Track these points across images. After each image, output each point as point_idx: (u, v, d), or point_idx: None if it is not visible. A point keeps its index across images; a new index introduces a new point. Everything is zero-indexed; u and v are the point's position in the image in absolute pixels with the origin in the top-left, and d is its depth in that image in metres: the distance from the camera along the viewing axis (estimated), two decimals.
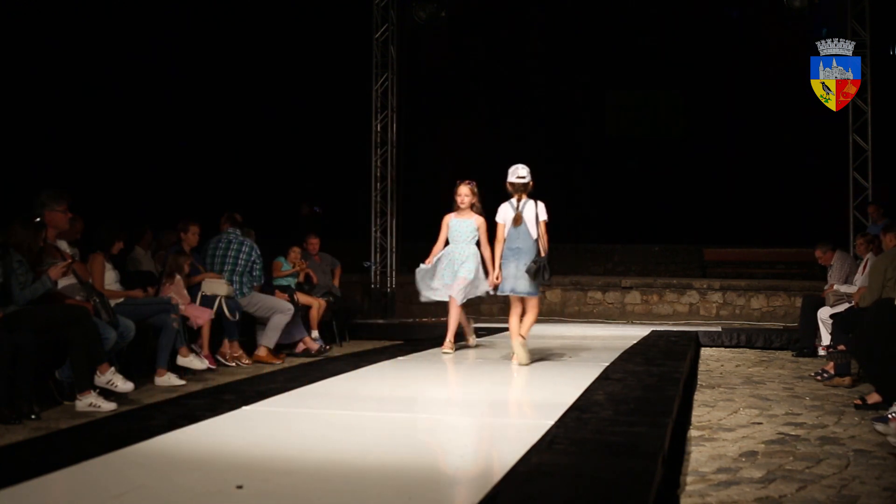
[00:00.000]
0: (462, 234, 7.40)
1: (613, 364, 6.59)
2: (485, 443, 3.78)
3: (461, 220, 7.43)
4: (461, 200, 7.37)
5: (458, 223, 7.43)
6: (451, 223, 7.45)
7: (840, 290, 8.26)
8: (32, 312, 5.29)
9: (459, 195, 7.37)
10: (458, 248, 7.38)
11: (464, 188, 7.39)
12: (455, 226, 7.43)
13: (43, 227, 5.65)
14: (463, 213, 7.43)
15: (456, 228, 7.43)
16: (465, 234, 7.39)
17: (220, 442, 3.74)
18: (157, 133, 13.20)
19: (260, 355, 7.98)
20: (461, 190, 7.39)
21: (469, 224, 7.42)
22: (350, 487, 3.08)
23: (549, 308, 13.31)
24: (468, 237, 7.39)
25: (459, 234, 7.40)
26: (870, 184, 11.37)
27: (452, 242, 7.42)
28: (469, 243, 7.39)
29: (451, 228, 7.43)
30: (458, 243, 7.39)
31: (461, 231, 7.41)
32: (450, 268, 7.37)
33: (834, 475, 3.76)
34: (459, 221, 7.43)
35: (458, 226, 7.43)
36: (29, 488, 2.99)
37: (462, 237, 7.40)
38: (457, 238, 7.41)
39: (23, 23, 11.12)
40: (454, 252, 7.38)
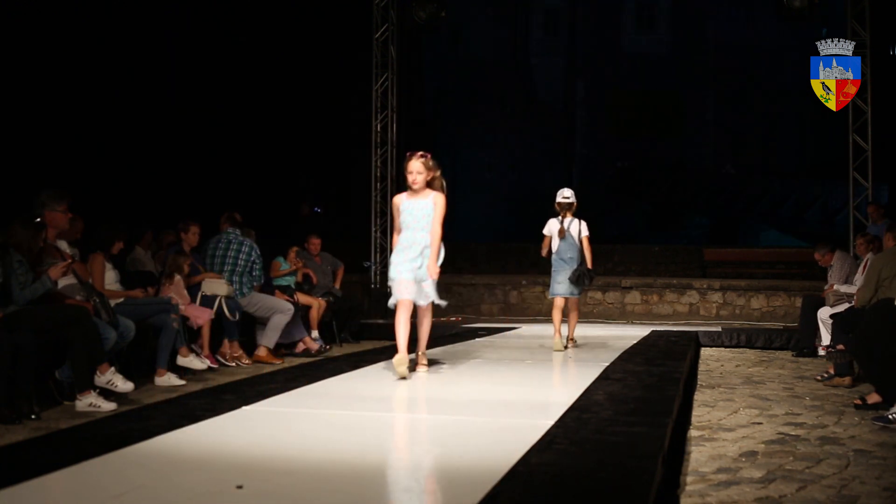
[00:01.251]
0: (417, 219, 5.90)
1: (613, 364, 6.59)
2: (485, 443, 3.78)
3: (415, 200, 5.91)
4: (412, 180, 5.86)
5: (411, 205, 5.93)
6: (402, 206, 5.96)
7: (840, 290, 8.27)
8: (32, 312, 5.29)
9: (410, 173, 5.87)
10: (415, 236, 5.88)
11: (414, 163, 5.86)
12: (408, 209, 5.93)
13: (43, 227, 5.65)
14: (417, 192, 5.93)
15: (409, 212, 5.93)
16: (421, 217, 5.89)
17: (220, 442, 3.74)
18: (157, 133, 13.20)
19: (260, 355, 7.98)
20: (411, 166, 5.87)
21: (424, 205, 5.89)
22: (350, 487, 3.08)
23: (549, 308, 13.26)
24: (426, 221, 5.88)
25: (414, 219, 5.91)
26: (870, 184, 11.37)
27: (407, 229, 5.91)
28: (426, 230, 5.88)
29: (404, 213, 5.95)
30: (415, 230, 5.88)
31: (415, 214, 5.91)
32: (408, 259, 5.86)
33: (834, 475, 3.76)
34: (413, 203, 5.92)
35: (411, 208, 5.92)
36: (29, 488, 2.99)
37: (418, 222, 5.89)
38: (412, 223, 5.91)
39: (23, 23, 11.12)
40: (411, 241, 5.88)
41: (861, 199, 11.43)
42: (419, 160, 5.85)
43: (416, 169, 5.86)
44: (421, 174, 5.86)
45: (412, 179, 5.86)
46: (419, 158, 5.86)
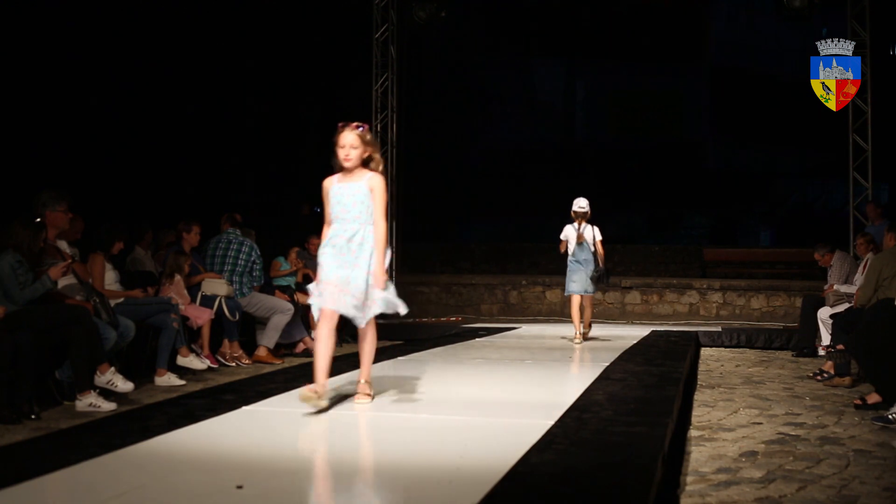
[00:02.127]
0: (347, 207, 4.66)
1: (613, 364, 6.59)
2: (485, 443, 3.78)
3: (347, 184, 4.69)
4: (344, 155, 4.63)
5: (342, 189, 4.69)
6: (332, 191, 4.73)
7: (840, 290, 8.27)
8: (32, 312, 5.29)
9: (342, 147, 4.64)
10: (345, 228, 4.64)
11: (347, 135, 4.65)
12: (339, 194, 4.69)
13: (43, 227, 5.66)
14: (350, 173, 4.69)
15: (340, 198, 4.68)
16: (352, 205, 4.65)
17: (220, 442, 3.74)
18: (157, 133, 13.20)
19: (260, 355, 7.97)
20: (343, 138, 4.65)
21: (357, 189, 4.65)
22: (350, 487, 3.08)
23: (549, 308, 13.31)
24: (360, 210, 4.64)
25: (343, 208, 4.66)
26: (870, 184, 11.37)
27: (337, 220, 4.68)
28: (363, 221, 4.65)
29: (333, 198, 4.71)
30: (344, 221, 4.65)
31: (345, 202, 4.66)
32: (337, 258, 4.62)
33: (834, 475, 3.76)
34: (344, 187, 4.69)
35: (341, 194, 4.68)
36: (29, 488, 2.99)
37: (348, 211, 4.65)
38: (341, 213, 4.67)
39: (22, 23, 11.12)
40: (341, 236, 4.64)
41: (861, 199, 11.43)
42: (353, 131, 4.64)
43: (350, 142, 4.61)
44: (355, 149, 4.61)
45: (344, 155, 4.61)
46: (353, 129, 4.64)
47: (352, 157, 4.64)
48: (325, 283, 4.54)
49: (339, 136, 4.65)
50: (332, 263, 4.59)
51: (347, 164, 4.64)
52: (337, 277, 4.52)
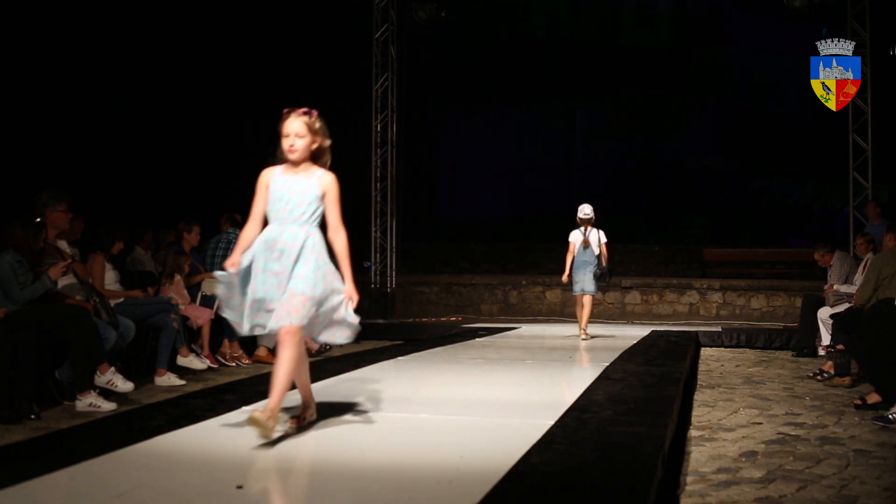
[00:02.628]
0: (291, 206, 3.94)
1: (613, 364, 6.59)
2: (485, 443, 3.78)
3: (294, 178, 3.99)
4: (289, 145, 3.98)
5: (287, 184, 3.98)
6: (273, 184, 4.00)
7: (840, 290, 8.27)
8: (32, 312, 5.29)
9: (286, 136, 4.00)
10: (284, 231, 3.91)
11: (293, 122, 4.00)
12: (282, 189, 3.98)
13: (43, 227, 5.66)
14: (296, 167, 4.02)
15: (283, 194, 3.96)
16: (297, 204, 3.95)
17: (220, 442, 3.74)
18: (157, 133, 13.21)
19: (260, 355, 7.97)
20: (288, 126, 4.01)
21: (307, 186, 3.98)
22: (350, 487, 3.08)
23: (549, 308, 13.31)
24: (306, 210, 3.95)
25: (286, 206, 3.95)
26: (870, 184, 11.37)
27: (275, 220, 3.95)
28: (307, 222, 3.94)
29: (275, 194, 3.98)
30: (284, 222, 3.92)
31: (288, 199, 3.95)
32: (269, 270, 3.87)
33: (834, 475, 3.76)
34: (291, 181, 3.99)
35: (283, 189, 3.97)
36: (29, 488, 2.99)
37: (291, 211, 3.94)
38: (282, 212, 3.94)
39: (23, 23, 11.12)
40: (277, 240, 3.90)
41: (861, 199, 11.43)
42: (300, 118, 4.00)
43: (296, 130, 3.98)
44: (302, 138, 3.97)
45: (289, 145, 3.97)
46: (301, 116, 4.01)
47: (297, 148, 3.97)
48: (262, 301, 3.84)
49: (283, 124, 4.01)
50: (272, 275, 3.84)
51: (293, 155, 3.97)
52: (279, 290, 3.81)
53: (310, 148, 4.02)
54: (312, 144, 4.03)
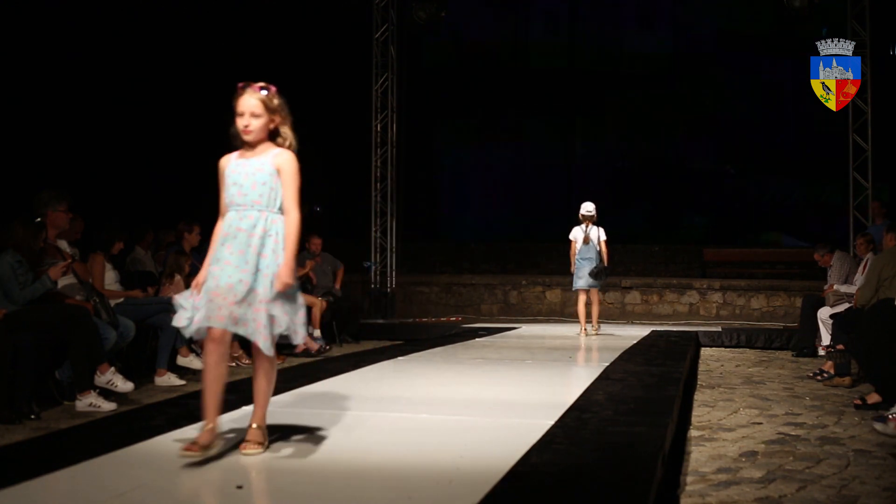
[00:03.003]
0: (245, 190, 3.58)
1: (613, 364, 6.59)
2: (485, 443, 3.78)
3: (247, 160, 3.63)
4: (244, 125, 3.58)
5: (240, 167, 3.62)
6: (228, 170, 3.64)
7: (840, 290, 8.27)
8: (32, 312, 5.29)
9: (241, 114, 3.60)
10: (243, 216, 3.56)
11: (248, 99, 3.59)
12: (235, 173, 3.62)
13: (43, 227, 5.66)
14: (252, 148, 3.64)
15: (236, 178, 3.60)
16: (251, 186, 3.57)
17: (220, 442, 3.73)
18: (157, 133, 13.21)
19: None
20: (243, 103, 3.60)
21: (261, 166, 3.60)
22: (350, 487, 3.08)
23: (549, 308, 13.31)
24: (262, 193, 3.57)
25: (240, 191, 3.58)
26: (870, 184, 11.37)
27: (233, 207, 3.59)
28: (264, 207, 3.57)
29: (229, 179, 3.62)
30: (243, 207, 3.56)
31: (245, 182, 3.58)
32: (234, 257, 3.51)
33: (834, 475, 3.76)
34: (243, 164, 3.62)
35: (239, 172, 3.61)
36: (29, 488, 2.99)
37: (246, 195, 3.57)
38: (239, 198, 3.57)
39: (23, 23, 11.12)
40: (238, 226, 3.54)
41: (861, 199, 11.43)
42: (255, 94, 3.58)
43: (251, 108, 3.57)
44: (257, 117, 3.58)
45: (244, 125, 3.58)
46: (257, 92, 3.59)
47: (252, 128, 3.57)
48: (214, 293, 3.43)
49: (237, 101, 3.60)
50: (227, 264, 3.47)
51: (247, 136, 3.58)
52: (228, 285, 3.43)
53: (267, 128, 3.62)
54: (270, 124, 3.62)
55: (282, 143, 3.65)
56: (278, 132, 3.66)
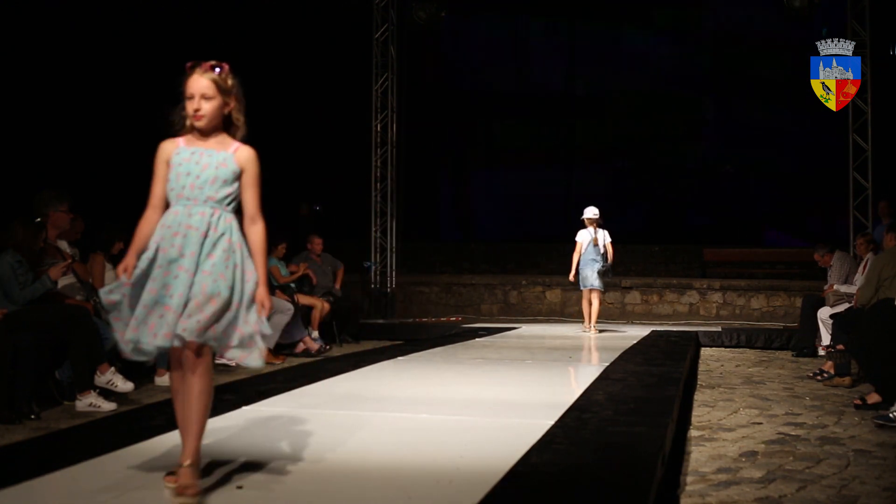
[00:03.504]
0: (201, 183, 3.14)
1: (613, 364, 6.59)
2: (485, 443, 3.78)
3: (203, 150, 3.18)
4: (195, 109, 3.15)
5: (195, 157, 3.17)
6: (175, 157, 3.20)
7: (840, 290, 8.27)
8: (32, 312, 5.29)
9: (191, 97, 3.16)
10: (194, 213, 3.11)
11: (199, 80, 3.17)
12: (188, 162, 3.17)
13: (43, 227, 5.67)
14: (205, 137, 3.21)
15: (189, 168, 3.16)
16: (209, 181, 3.14)
17: (220, 442, 3.74)
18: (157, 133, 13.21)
19: None
20: (193, 85, 3.17)
21: (223, 161, 3.17)
22: (350, 487, 3.08)
23: (549, 308, 13.31)
24: (219, 189, 3.14)
25: (199, 183, 3.13)
26: (870, 184, 11.37)
27: (181, 201, 3.13)
28: (220, 205, 3.14)
29: (178, 168, 3.17)
30: (195, 203, 3.12)
31: (203, 174, 3.14)
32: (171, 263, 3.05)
33: (834, 475, 3.76)
34: (199, 154, 3.18)
35: (190, 163, 3.16)
36: (29, 488, 2.99)
37: (202, 189, 3.13)
38: (193, 192, 3.13)
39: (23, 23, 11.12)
40: (188, 224, 3.09)
41: (861, 199, 11.42)
42: (207, 74, 3.17)
43: (201, 89, 3.15)
44: (210, 100, 3.15)
45: (195, 109, 3.15)
46: (208, 72, 3.18)
47: (204, 112, 3.14)
48: (166, 309, 2.98)
49: (186, 82, 3.18)
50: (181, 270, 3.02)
51: (199, 122, 3.15)
52: (180, 296, 2.98)
53: (220, 112, 3.19)
54: (224, 108, 3.19)
55: (234, 132, 3.24)
56: (230, 119, 3.22)
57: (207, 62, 3.23)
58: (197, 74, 3.18)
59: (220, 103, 3.19)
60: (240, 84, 3.27)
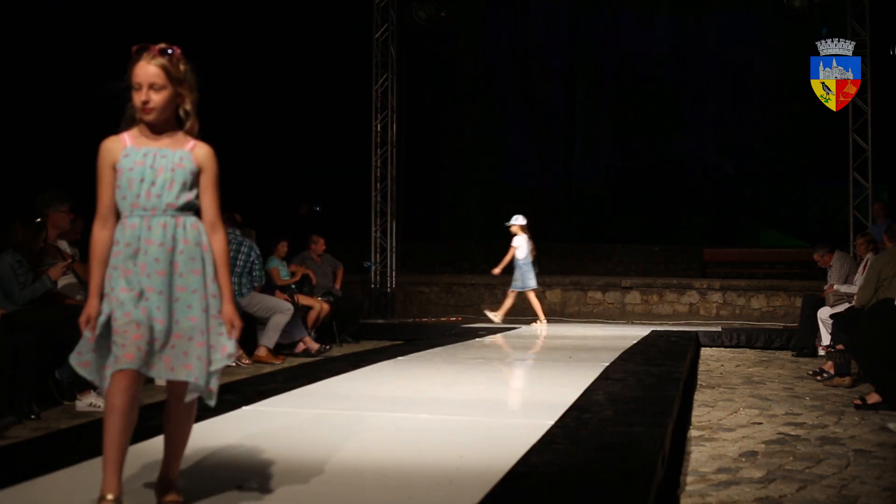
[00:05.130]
0: (163, 187, 2.77)
1: (613, 364, 6.59)
2: (485, 443, 3.78)
3: (155, 148, 2.80)
4: (143, 101, 2.77)
5: (147, 157, 2.79)
6: (124, 159, 2.78)
7: (840, 290, 8.27)
8: (32, 312, 5.29)
9: (138, 87, 2.78)
10: (153, 224, 2.75)
11: (147, 67, 2.77)
12: (141, 165, 2.77)
13: (43, 228, 5.67)
14: (157, 134, 2.83)
15: (143, 172, 2.77)
16: (172, 185, 2.78)
17: (220, 442, 3.74)
18: None
19: (260, 355, 7.98)
20: (140, 73, 2.78)
21: (180, 160, 2.80)
22: (350, 487, 3.08)
23: (550, 308, 13.30)
24: (180, 195, 2.78)
25: (156, 188, 2.76)
26: (870, 184, 11.37)
27: (134, 212, 2.75)
28: (181, 212, 2.79)
29: (130, 173, 2.76)
30: (153, 213, 2.75)
31: (159, 179, 2.77)
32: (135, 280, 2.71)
33: (834, 475, 3.76)
34: (151, 153, 2.79)
35: (146, 163, 2.78)
36: (29, 488, 2.99)
37: (164, 195, 2.77)
38: (149, 200, 2.75)
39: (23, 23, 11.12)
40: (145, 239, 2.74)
41: (861, 199, 11.43)
42: (155, 60, 2.78)
43: (150, 77, 2.76)
44: (160, 90, 2.77)
45: (143, 101, 2.76)
46: (157, 57, 2.78)
47: (154, 104, 2.76)
48: (126, 325, 2.64)
49: (133, 70, 2.78)
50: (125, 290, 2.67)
51: (148, 115, 2.76)
52: (138, 312, 2.66)
53: (173, 103, 2.79)
54: (175, 97, 2.80)
55: (191, 128, 2.84)
56: (185, 111, 2.83)
57: (156, 45, 2.79)
58: (144, 61, 2.77)
59: (171, 93, 2.79)
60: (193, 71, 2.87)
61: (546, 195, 19.00)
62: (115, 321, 2.66)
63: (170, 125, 2.82)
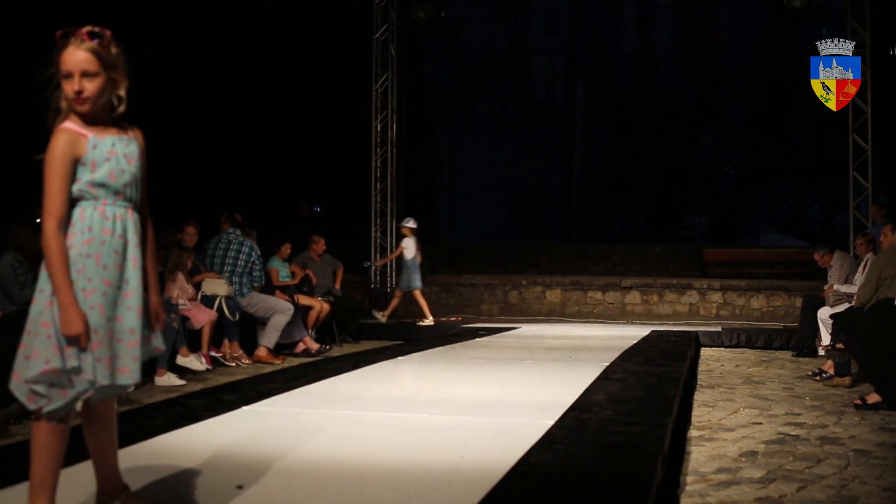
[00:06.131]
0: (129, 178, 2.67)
1: (613, 364, 6.59)
2: (485, 443, 3.78)
3: (114, 138, 2.62)
4: (75, 91, 2.51)
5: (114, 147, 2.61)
6: (93, 152, 2.56)
7: (840, 290, 8.27)
8: None
9: (69, 74, 2.51)
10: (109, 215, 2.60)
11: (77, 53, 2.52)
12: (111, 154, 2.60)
13: None
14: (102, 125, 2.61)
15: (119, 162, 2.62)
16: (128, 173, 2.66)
17: (220, 442, 3.74)
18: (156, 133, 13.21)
19: (260, 355, 7.98)
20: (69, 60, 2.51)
21: (135, 147, 2.72)
22: (350, 487, 3.08)
23: (550, 308, 13.31)
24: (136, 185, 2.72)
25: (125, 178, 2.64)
26: (870, 184, 11.37)
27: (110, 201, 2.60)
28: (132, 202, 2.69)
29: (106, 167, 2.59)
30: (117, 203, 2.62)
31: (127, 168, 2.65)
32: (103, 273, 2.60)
33: (834, 475, 3.76)
34: (116, 144, 2.62)
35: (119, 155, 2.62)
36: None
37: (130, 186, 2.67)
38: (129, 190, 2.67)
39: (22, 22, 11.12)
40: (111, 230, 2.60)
41: (861, 200, 11.42)
42: (85, 45, 2.55)
43: (81, 64, 2.53)
44: (93, 78, 2.54)
45: (75, 91, 2.51)
46: (86, 42, 2.55)
47: (89, 94, 2.53)
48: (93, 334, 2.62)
49: (61, 57, 2.53)
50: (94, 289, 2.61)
51: (82, 106, 2.54)
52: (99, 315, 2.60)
53: (108, 90, 2.58)
54: (108, 85, 2.57)
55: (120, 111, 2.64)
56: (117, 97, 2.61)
57: (83, 29, 2.57)
58: (73, 45, 2.53)
59: (104, 81, 2.55)
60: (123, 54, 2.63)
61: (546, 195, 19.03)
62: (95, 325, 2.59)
63: (106, 112, 2.61)
